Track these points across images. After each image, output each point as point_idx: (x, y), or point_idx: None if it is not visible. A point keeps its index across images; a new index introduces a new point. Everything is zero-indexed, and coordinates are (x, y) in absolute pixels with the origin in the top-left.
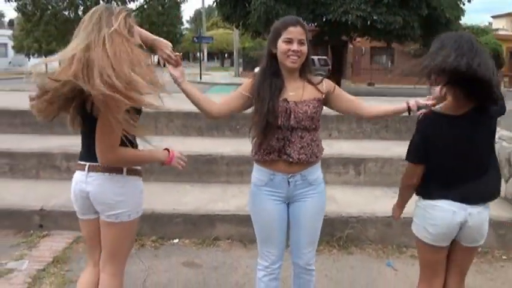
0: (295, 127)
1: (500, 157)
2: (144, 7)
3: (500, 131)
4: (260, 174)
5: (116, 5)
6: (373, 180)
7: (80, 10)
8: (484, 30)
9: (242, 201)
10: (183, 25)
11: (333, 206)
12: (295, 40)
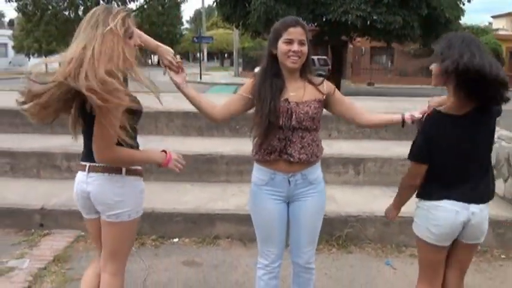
0: (296, 127)
1: (499, 157)
2: (144, 7)
3: (499, 131)
4: (261, 173)
5: (116, 5)
6: (372, 179)
7: (80, 10)
8: (484, 30)
9: (242, 200)
10: (183, 25)
11: (333, 206)
12: (295, 41)
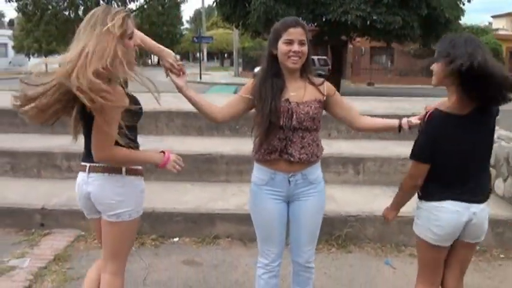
0: (296, 127)
1: (498, 156)
2: (144, 7)
3: (498, 131)
4: (261, 173)
5: (116, 6)
6: (372, 179)
7: (80, 10)
8: (484, 30)
9: (242, 200)
10: (183, 25)
11: (332, 205)
12: (295, 41)
